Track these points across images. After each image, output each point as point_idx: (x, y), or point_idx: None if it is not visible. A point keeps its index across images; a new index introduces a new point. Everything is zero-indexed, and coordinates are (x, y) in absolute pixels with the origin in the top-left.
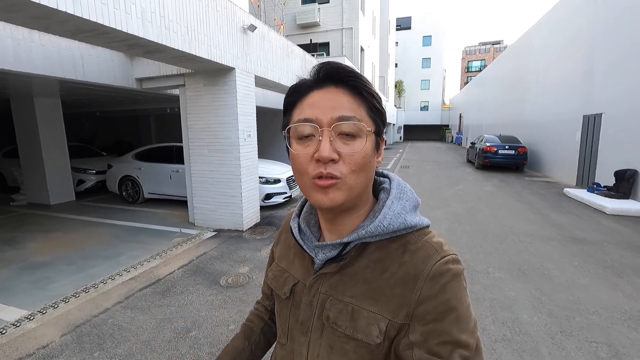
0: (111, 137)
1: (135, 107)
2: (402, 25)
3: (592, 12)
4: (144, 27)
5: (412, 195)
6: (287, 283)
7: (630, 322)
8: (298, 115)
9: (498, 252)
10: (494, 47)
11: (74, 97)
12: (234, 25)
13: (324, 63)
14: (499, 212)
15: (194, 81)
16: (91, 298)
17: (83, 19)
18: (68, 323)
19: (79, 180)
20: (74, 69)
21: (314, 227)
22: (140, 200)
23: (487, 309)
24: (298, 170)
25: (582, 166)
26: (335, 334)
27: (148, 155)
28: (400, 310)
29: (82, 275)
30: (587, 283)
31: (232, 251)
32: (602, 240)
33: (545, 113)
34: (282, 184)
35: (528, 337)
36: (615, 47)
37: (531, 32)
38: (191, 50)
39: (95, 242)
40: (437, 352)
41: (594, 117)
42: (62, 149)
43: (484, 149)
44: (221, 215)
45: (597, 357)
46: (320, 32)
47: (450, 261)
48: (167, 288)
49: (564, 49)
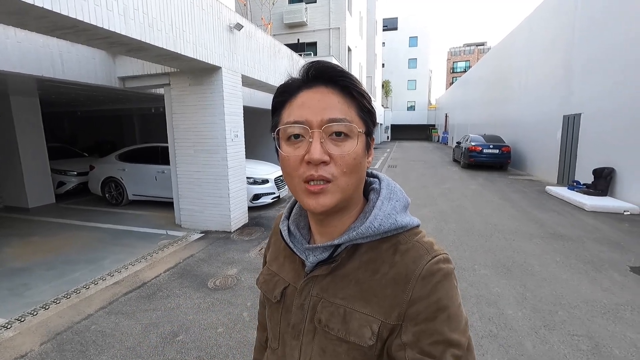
0: (93, 138)
1: (118, 106)
2: (389, 25)
3: (571, 16)
4: (127, 24)
5: (402, 196)
6: (278, 286)
7: (609, 315)
8: (287, 117)
9: (483, 250)
10: (478, 49)
11: (53, 96)
12: (220, 23)
13: (314, 62)
14: (484, 210)
15: (179, 80)
16: (73, 304)
17: (62, 15)
18: (48, 330)
19: (59, 182)
20: (52, 66)
21: (303, 229)
22: (124, 202)
23: (473, 306)
24: (288, 172)
25: (563, 165)
26: (327, 337)
27: (132, 155)
28: (392, 311)
29: (62, 280)
30: (568, 278)
31: (220, 253)
32: (582, 236)
33: (528, 113)
34: (270, 184)
35: (513, 332)
36: (592, 50)
37: (513, 34)
38: (176, 48)
39: (77, 246)
40: (429, 352)
41: (573, 117)
42: (41, 150)
43: (469, 148)
44: (208, 216)
45: (578, 349)
46: (308, 32)
47: (441, 261)
48: (153, 292)
49: (544, 51)
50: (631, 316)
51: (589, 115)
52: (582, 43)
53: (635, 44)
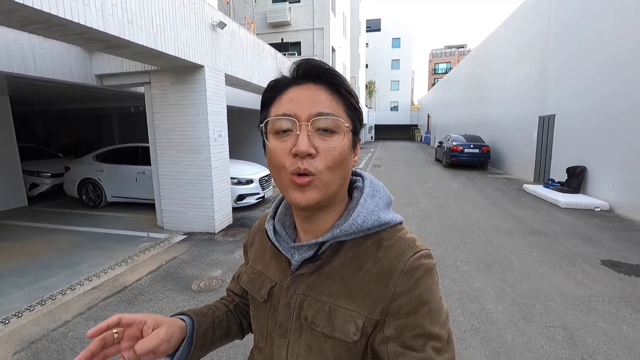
0: (69, 138)
1: (96, 105)
2: (372, 27)
3: (545, 20)
4: (104, 19)
5: (385, 193)
6: (265, 286)
7: (582, 306)
8: (276, 110)
9: (465, 246)
10: (459, 51)
11: (25, 94)
12: (203, 21)
13: (303, 60)
14: (465, 208)
15: (160, 79)
16: (48, 311)
17: (34, 9)
18: (22, 339)
19: (31, 184)
20: (23, 63)
21: (289, 228)
22: (102, 204)
23: (456, 301)
24: (275, 165)
25: (539, 163)
26: (314, 333)
27: (111, 156)
28: (376, 306)
29: (36, 286)
30: (545, 272)
31: (204, 254)
32: (557, 232)
33: (506, 114)
34: (255, 184)
35: (494, 326)
36: (565, 53)
37: (491, 37)
38: (157, 46)
39: (52, 251)
40: (410, 345)
41: (548, 118)
42: (11, 150)
43: (451, 148)
44: (192, 217)
45: (554, 340)
46: (292, 32)
47: (423, 256)
48: (135, 296)
49: (520, 54)
50: (602, 307)
51: (562, 116)
52: (556, 47)
53: (605, 49)
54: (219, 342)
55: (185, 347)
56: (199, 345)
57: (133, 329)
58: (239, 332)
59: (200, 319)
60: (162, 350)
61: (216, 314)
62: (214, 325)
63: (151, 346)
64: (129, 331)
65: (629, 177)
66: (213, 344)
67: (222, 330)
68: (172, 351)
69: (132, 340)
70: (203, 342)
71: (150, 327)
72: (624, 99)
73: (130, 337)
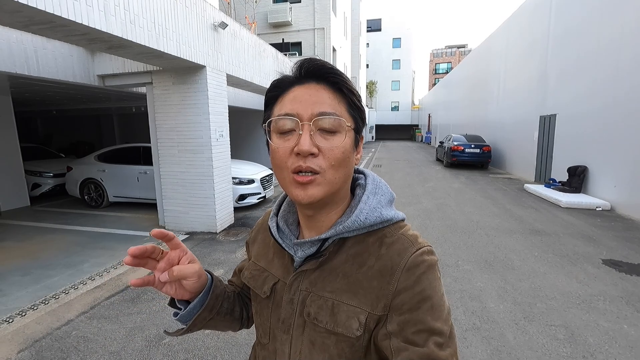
0: (70, 138)
1: (97, 105)
2: (373, 27)
3: (546, 22)
4: (107, 20)
5: (387, 190)
6: (267, 282)
7: (583, 305)
8: (279, 110)
9: (466, 246)
10: (459, 51)
11: (27, 94)
12: (204, 22)
13: (306, 59)
14: (466, 208)
15: (162, 79)
16: (51, 310)
17: (37, 9)
18: (26, 338)
19: (33, 184)
20: (26, 63)
21: (292, 225)
22: (104, 204)
23: (457, 300)
24: (278, 164)
25: (540, 163)
26: (316, 329)
27: (113, 156)
28: (378, 302)
29: (39, 286)
30: (546, 271)
31: (206, 254)
32: (558, 231)
33: (506, 114)
34: (256, 184)
35: (495, 325)
36: (567, 55)
37: (492, 37)
38: (159, 46)
39: (54, 250)
40: (413, 340)
41: (549, 118)
42: (14, 150)
43: (451, 147)
44: (193, 217)
45: (556, 339)
46: (292, 32)
47: (425, 252)
48: (137, 295)
49: (521, 54)
50: (604, 306)
51: (563, 116)
52: (557, 49)
53: (605, 52)
54: (222, 318)
55: (200, 300)
56: (210, 306)
57: (174, 254)
58: (239, 317)
59: (217, 282)
60: (190, 283)
61: (228, 289)
62: (224, 296)
63: (187, 273)
64: (171, 254)
65: (630, 177)
66: (218, 314)
67: (228, 305)
68: (188, 298)
69: (168, 264)
70: (214, 305)
71: (188, 259)
72: (625, 100)
73: (167, 260)
